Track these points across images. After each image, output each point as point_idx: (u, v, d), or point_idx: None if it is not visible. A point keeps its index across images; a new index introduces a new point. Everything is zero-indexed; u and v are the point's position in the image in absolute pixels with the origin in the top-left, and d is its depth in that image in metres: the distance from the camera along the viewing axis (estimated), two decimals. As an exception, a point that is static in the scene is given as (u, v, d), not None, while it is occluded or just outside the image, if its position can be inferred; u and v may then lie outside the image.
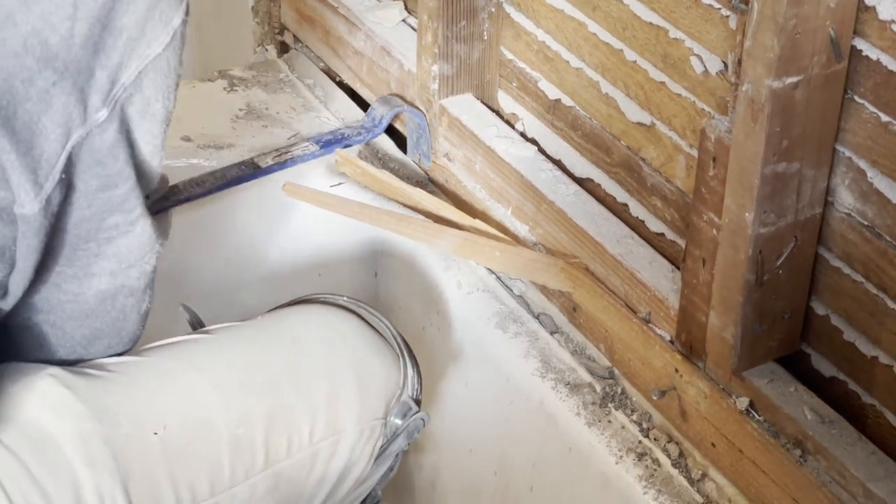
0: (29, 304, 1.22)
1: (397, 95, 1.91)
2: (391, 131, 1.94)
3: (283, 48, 2.18)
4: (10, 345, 1.26)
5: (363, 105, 2.01)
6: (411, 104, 1.87)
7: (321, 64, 2.11)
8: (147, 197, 1.22)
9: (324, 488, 1.36)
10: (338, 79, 2.08)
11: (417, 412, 1.43)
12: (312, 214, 1.84)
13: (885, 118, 1.26)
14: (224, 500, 1.28)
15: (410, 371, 1.44)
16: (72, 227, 1.17)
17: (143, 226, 1.21)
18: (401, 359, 1.43)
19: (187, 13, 1.16)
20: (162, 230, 1.25)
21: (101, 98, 1.12)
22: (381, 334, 1.44)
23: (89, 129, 1.12)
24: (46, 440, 1.19)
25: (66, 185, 1.14)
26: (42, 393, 1.22)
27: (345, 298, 1.47)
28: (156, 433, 1.25)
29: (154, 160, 1.20)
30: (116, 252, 1.21)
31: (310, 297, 1.50)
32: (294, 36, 2.16)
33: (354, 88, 2.03)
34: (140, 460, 1.23)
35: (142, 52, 1.13)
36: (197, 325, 1.48)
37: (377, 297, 1.87)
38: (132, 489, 1.21)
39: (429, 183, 1.86)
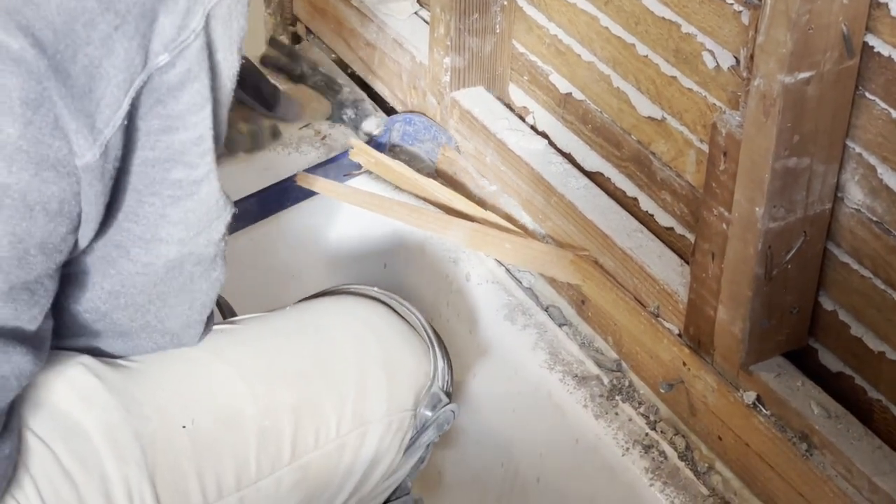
0: (101, 285, 1.20)
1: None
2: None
3: (296, 39, 2.19)
4: (85, 331, 1.24)
5: (374, 97, 2.01)
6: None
7: (333, 55, 2.11)
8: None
9: (352, 480, 1.35)
10: (349, 70, 2.09)
11: (447, 404, 1.41)
12: (320, 205, 1.85)
13: (895, 115, 1.26)
14: (250, 494, 1.27)
15: (441, 363, 1.42)
16: (136, 167, 1.15)
17: (210, 188, 1.19)
18: (431, 350, 1.42)
19: None
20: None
21: (162, 44, 1.09)
22: (412, 326, 1.43)
23: (150, 73, 1.10)
24: (77, 431, 1.18)
25: (127, 129, 1.12)
26: (72, 381, 1.20)
27: (375, 289, 1.46)
28: (184, 426, 1.23)
29: (220, 112, 1.17)
30: (183, 217, 1.18)
31: (340, 287, 1.48)
32: (306, 27, 2.16)
33: (366, 80, 2.04)
34: (168, 453, 1.22)
35: None
36: (229, 315, 1.46)
37: (386, 287, 1.87)
38: (159, 482, 1.21)
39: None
